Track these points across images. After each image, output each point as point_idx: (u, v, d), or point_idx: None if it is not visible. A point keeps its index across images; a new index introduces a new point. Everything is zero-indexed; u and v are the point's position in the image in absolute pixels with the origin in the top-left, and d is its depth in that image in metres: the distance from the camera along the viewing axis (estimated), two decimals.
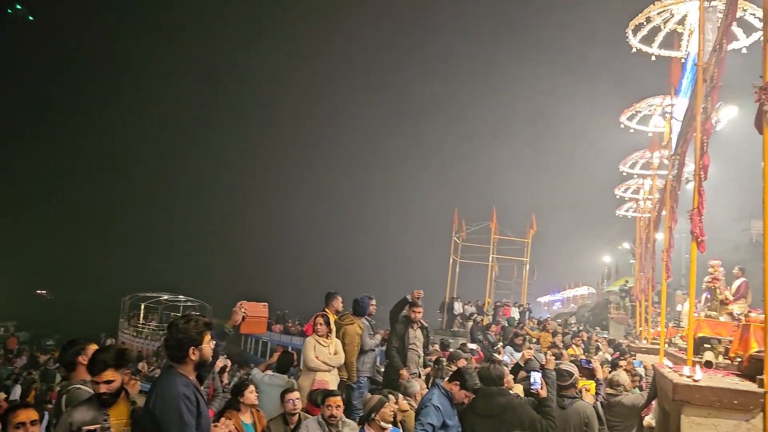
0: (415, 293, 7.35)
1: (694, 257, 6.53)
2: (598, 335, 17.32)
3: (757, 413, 3.30)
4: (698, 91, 6.76)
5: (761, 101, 3.37)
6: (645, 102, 13.54)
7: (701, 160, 6.30)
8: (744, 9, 8.40)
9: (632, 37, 10.34)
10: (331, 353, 6.31)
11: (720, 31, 6.35)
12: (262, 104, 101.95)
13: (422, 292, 7.37)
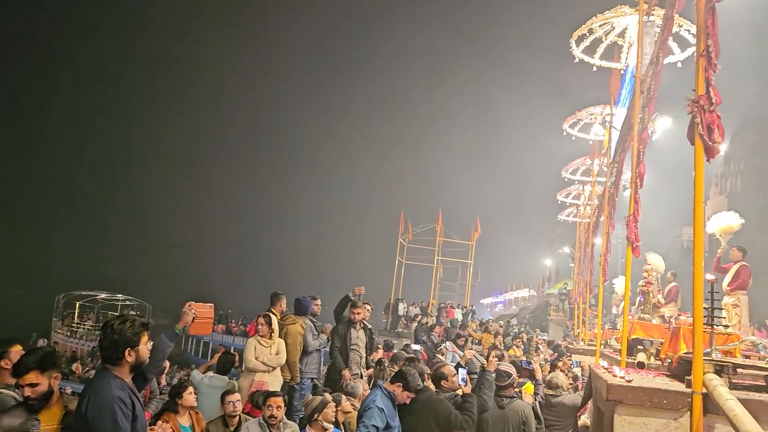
0: (356, 290, 7.35)
1: (629, 262, 6.78)
2: (538, 337, 17.74)
3: (684, 412, 3.44)
4: (636, 101, 7.01)
5: (693, 114, 3.51)
6: (586, 111, 13.98)
7: (637, 169, 6.54)
8: (680, 25, 8.78)
9: (575, 48, 10.66)
10: (273, 354, 6.23)
11: (657, 45, 6.60)
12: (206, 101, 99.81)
13: (363, 288, 7.37)
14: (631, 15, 9.31)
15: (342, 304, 7.40)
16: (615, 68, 10.97)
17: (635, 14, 8.49)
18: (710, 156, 3.54)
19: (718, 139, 3.52)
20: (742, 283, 8.74)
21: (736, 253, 8.86)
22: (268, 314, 6.47)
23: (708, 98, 3.49)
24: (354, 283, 7.74)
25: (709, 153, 3.52)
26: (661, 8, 7.31)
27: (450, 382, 5.06)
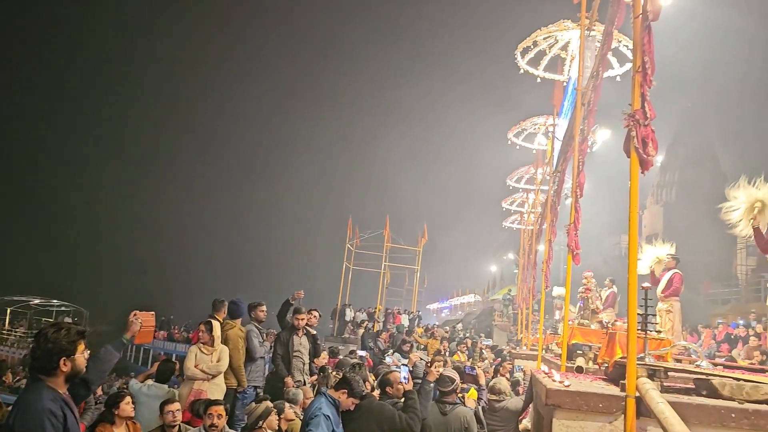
0: (296, 294, 7.29)
1: (570, 268, 6.97)
2: (482, 342, 18.00)
3: (618, 415, 3.55)
4: (577, 113, 7.22)
5: (629, 127, 3.64)
6: (530, 121, 14.34)
7: (578, 179, 6.74)
8: (619, 40, 9.10)
9: (520, 59, 10.92)
10: (214, 361, 6.11)
11: (597, 59, 6.83)
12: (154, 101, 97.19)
13: (302, 292, 7.32)
14: (573, 29, 9.60)
15: (283, 309, 7.32)
16: (558, 80, 11.29)
17: (577, 29, 8.76)
18: (645, 168, 3.68)
19: (652, 152, 3.66)
20: (675, 290, 9.12)
21: (670, 262, 9.23)
22: (209, 321, 6.35)
23: (643, 113, 3.63)
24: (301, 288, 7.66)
25: (643, 165, 3.66)
26: (601, 24, 7.57)
27: (395, 389, 5.08)
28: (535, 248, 16.48)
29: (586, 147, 7.20)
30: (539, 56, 10.96)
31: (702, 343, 15.65)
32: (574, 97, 7.69)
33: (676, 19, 23.08)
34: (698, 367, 4.80)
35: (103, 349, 3.44)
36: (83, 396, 3.30)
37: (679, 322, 9.18)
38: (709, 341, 15.71)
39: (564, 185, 10.31)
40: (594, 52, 7.82)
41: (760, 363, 10.06)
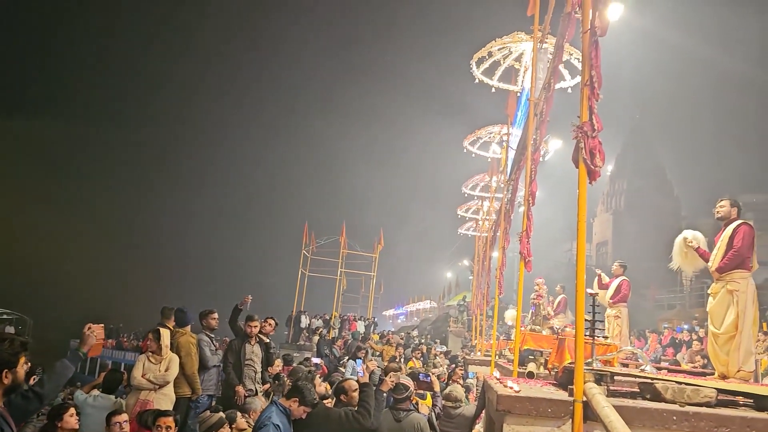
0: (244, 299, 7.20)
1: (522, 275, 7.10)
2: (436, 349, 18.12)
3: (567, 420, 3.63)
4: (530, 123, 7.38)
5: (578, 138, 3.75)
6: (485, 130, 14.58)
7: (530, 188, 6.88)
8: (570, 53, 9.37)
9: (476, 69, 11.10)
10: (162, 370, 5.98)
11: (549, 71, 7.00)
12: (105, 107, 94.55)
13: (250, 297, 7.23)
14: (527, 41, 9.83)
15: (233, 316, 7.22)
16: (512, 90, 11.52)
17: (530, 41, 8.97)
18: (592, 179, 3.79)
19: (599, 163, 3.77)
20: (623, 296, 9.39)
21: (618, 269, 9.51)
22: (157, 329, 6.21)
23: (591, 125, 3.74)
24: (255, 295, 7.57)
25: (591, 176, 3.77)
26: (553, 36, 7.77)
27: (350, 396, 5.08)
28: (490, 255, 16.70)
29: (539, 156, 7.35)
30: (494, 66, 11.18)
31: (648, 348, 16.15)
32: (527, 108, 7.86)
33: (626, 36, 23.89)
34: (643, 372, 4.95)
35: (59, 363, 3.35)
36: (35, 410, 3.21)
37: (627, 327, 9.46)
38: (655, 345, 16.21)
39: (517, 193, 10.49)
40: (546, 64, 8.00)
41: (701, 366, 10.43)
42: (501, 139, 14.25)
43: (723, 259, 5.51)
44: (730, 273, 5.44)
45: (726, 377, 5.26)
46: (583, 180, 3.81)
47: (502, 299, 13.28)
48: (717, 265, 5.57)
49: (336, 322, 23.97)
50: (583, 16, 4.06)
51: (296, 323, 23.45)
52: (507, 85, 11.47)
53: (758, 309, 5.55)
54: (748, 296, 5.32)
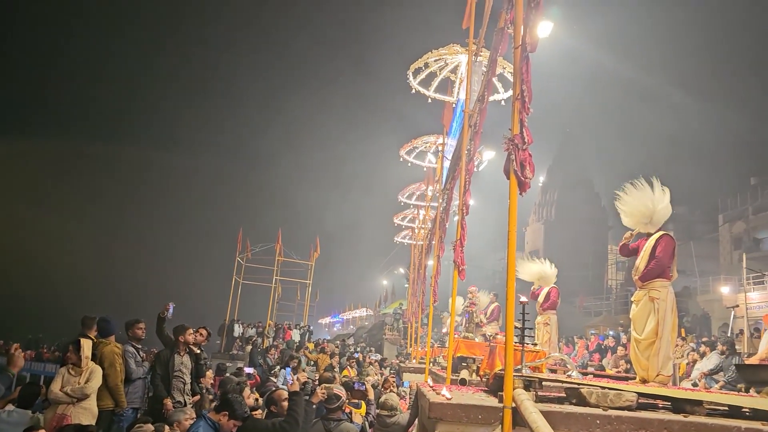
0: (165, 306, 6.98)
1: (455, 283, 7.20)
2: (371, 357, 18.14)
3: (497, 426, 3.69)
4: (464, 135, 7.51)
5: (509, 151, 3.84)
6: (421, 139, 14.77)
7: (464, 197, 7.01)
8: (503, 67, 9.62)
9: (412, 79, 11.24)
10: (81, 383, 5.71)
11: (483, 84, 7.16)
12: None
13: (170, 305, 7.01)
14: (462, 54, 10.02)
15: (158, 326, 6.98)
16: (448, 101, 11.71)
17: (466, 53, 9.15)
18: (522, 190, 3.89)
19: (530, 175, 3.88)
20: (552, 303, 9.68)
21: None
22: (78, 340, 5.93)
23: (521, 138, 3.85)
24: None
25: (521, 187, 3.87)
26: (488, 50, 7.96)
27: (280, 407, 5.01)
28: (425, 263, 16.89)
29: (473, 167, 7.51)
30: (431, 77, 11.35)
31: (576, 353, 16.69)
32: (462, 119, 8.00)
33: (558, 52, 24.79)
34: (569, 377, 5.11)
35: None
36: None
37: (556, 333, 9.75)
38: (582, 351, 16.76)
39: (452, 203, 10.66)
40: (481, 76, 8.18)
41: (625, 371, 10.86)
42: (436, 149, 14.46)
43: (645, 268, 5.77)
44: (651, 281, 5.70)
45: (646, 381, 5.49)
46: (513, 191, 3.91)
47: (437, 307, 13.45)
48: (640, 273, 5.82)
49: (270, 331, 23.60)
50: (514, 32, 4.17)
51: (229, 332, 22.95)
52: (443, 96, 11.66)
53: (677, 316, 5.82)
54: (668, 304, 5.58)
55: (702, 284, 26.03)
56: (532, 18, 4.04)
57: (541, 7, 4.05)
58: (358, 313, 53.19)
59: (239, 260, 26.06)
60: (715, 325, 22.26)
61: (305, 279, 28.53)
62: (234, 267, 25.73)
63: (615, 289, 36.06)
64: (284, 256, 27.56)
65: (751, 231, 29.91)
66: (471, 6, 7.53)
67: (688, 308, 25.52)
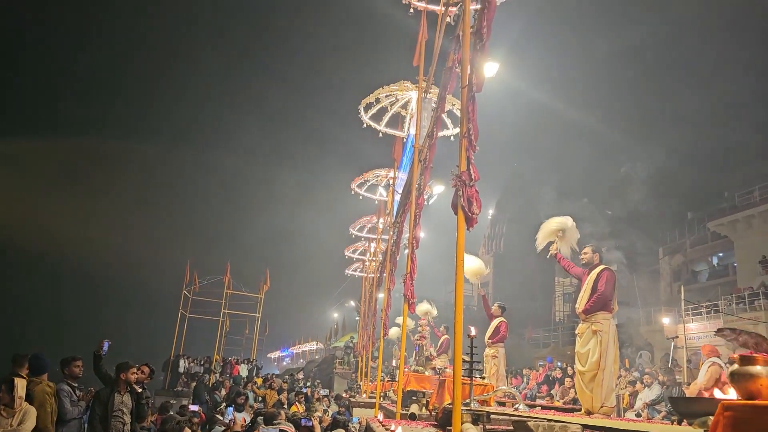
0: (100, 343, 6.73)
1: (405, 316, 7.24)
2: (319, 393, 17.86)
3: None
4: (414, 169, 7.65)
5: (456, 187, 3.94)
6: (372, 173, 14.90)
7: (414, 231, 7.09)
8: (453, 104, 9.87)
9: (363, 114, 11.40)
10: (14, 424, 5.42)
11: (432, 120, 7.32)
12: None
13: (105, 342, 6.76)
14: (412, 90, 10.24)
15: (95, 364, 6.70)
16: (398, 136, 11.90)
17: (416, 90, 9.36)
18: (470, 225, 3.98)
19: (476, 210, 3.98)
20: (501, 337, 9.79)
21: (497, 310, 9.91)
22: (12, 379, 5.64)
23: (468, 174, 3.95)
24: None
25: (468, 223, 3.96)
26: (437, 87, 8.17)
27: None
28: (376, 296, 16.87)
29: (423, 201, 7.61)
30: (382, 112, 11.54)
31: (526, 385, 16.86)
32: (412, 154, 8.15)
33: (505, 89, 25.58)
34: (517, 410, 5.16)
35: None
36: None
37: (504, 366, 9.84)
38: (532, 383, 16.95)
39: (403, 236, 10.75)
40: (431, 112, 8.38)
41: (572, 402, 11.03)
42: (387, 183, 14.61)
43: (588, 302, 5.93)
44: (594, 314, 5.86)
45: (591, 413, 5.60)
46: (461, 225, 3.99)
47: (387, 340, 13.40)
48: (583, 307, 5.98)
49: (217, 366, 22.98)
50: (462, 72, 4.32)
51: (174, 368, 22.24)
52: (394, 131, 11.84)
53: (618, 348, 5.99)
54: (610, 336, 5.74)
55: (645, 315, 26.81)
56: (479, 59, 4.19)
57: (487, 48, 4.21)
58: (308, 346, 52.44)
59: (186, 293, 25.44)
60: (657, 355, 22.89)
61: (254, 312, 28.02)
62: (180, 300, 25.10)
63: (562, 321, 36.74)
64: (233, 289, 27.04)
65: (689, 263, 31.11)
66: (421, 45, 7.74)
67: (632, 338, 26.22)
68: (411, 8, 8.00)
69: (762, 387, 2.01)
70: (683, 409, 2.58)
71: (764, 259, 23.80)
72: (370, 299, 17.84)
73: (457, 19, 5.08)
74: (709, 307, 22.08)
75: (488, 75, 5.19)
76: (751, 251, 25.09)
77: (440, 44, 7.07)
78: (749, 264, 25.06)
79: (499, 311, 9.94)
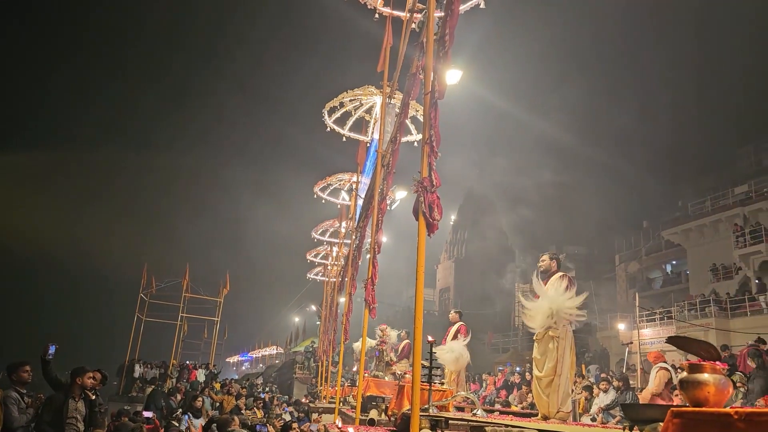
0: (45, 347, 6.53)
1: (366, 321, 7.22)
2: (278, 399, 17.68)
3: None
4: (377, 174, 7.64)
5: (418, 193, 3.95)
6: (336, 177, 14.86)
7: (376, 236, 7.08)
8: (416, 110, 9.91)
9: (327, 118, 11.36)
10: None
11: (396, 125, 7.34)
12: None
13: (51, 346, 6.55)
14: (377, 95, 10.25)
15: (44, 369, 6.49)
16: (362, 140, 11.89)
17: (380, 95, 9.37)
18: (431, 231, 4.00)
19: (437, 216, 4.00)
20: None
21: (454, 316, 9.97)
22: None
23: (430, 181, 3.97)
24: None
25: (429, 229, 3.97)
26: (401, 93, 8.19)
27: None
28: (337, 300, 16.79)
29: (385, 206, 7.62)
30: (346, 117, 11.51)
31: (485, 390, 16.99)
32: (375, 158, 8.14)
33: (469, 97, 25.89)
34: (475, 416, 5.20)
35: None
36: None
37: (463, 371, 9.89)
38: (491, 388, 17.09)
39: (365, 240, 10.73)
40: (394, 118, 8.39)
41: (529, 407, 11.16)
42: (351, 187, 14.57)
43: None
44: None
45: (548, 418, 5.67)
46: (422, 231, 4.00)
47: (348, 345, 13.36)
48: None
49: (174, 371, 22.51)
50: (425, 78, 4.34)
51: (129, 373, 21.71)
52: (357, 135, 11.83)
53: (575, 353, 6.08)
54: (567, 342, 5.83)
55: (601, 321, 27.37)
56: (441, 66, 4.22)
57: (450, 56, 4.24)
58: (268, 351, 51.87)
59: (143, 296, 24.90)
60: (613, 361, 23.39)
61: (213, 316, 27.61)
62: (137, 304, 24.56)
63: (521, 326, 37.24)
64: (192, 292, 26.59)
65: (644, 271, 31.92)
66: (386, 50, 7.75)
67: (589, 344, 26.74)
68: (376, 14, 8.01)
69: (709, 394, 2.07)
70: (634, 415, 2.64)
71: (715, 267, 24.60)
72: (332, 303, 17.75)
73: (422, 26, 5.11)
74: (662, 314, 22.67)
75: (451, 82, 5.23)
76: (703, 259, 25.90)
77: (405, 50, 7.10)
78: (701, 272, 25.86)
79: (456, 317, 9.99)
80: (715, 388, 2.08)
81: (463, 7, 7.06)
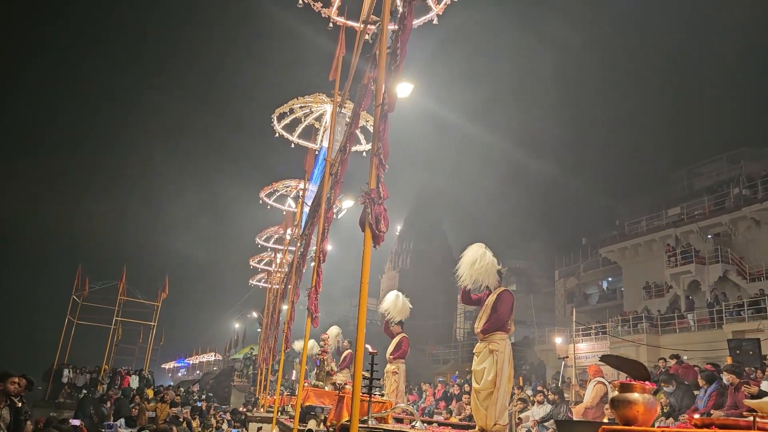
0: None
1: (308, 330, 7.15)
2: (215, 408, 17.29)
3: None
4: (325, 183, 7.62)
5: (365, 204, 3.95)
6: (282, 183, 14.73)
7: (321, 244, 7.04)
8: (367, 120, 9.94)
9: (276, 123, 11.26)
10: None
11: (345, 135, 7.34)
12: None
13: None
14: (327, 104, 10.24)
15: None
16: (311, 148, 11.83)
17: (331, 104, 9.36)
18: (377, 243, 4.00)
19: (384, 228, 4.01)
20: (402, 352, 9.86)
21: (396, 327, 9.99)
22: None
23: (377, 193, 3.98)
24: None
25: (375, 240, 3.98)
26: (352, 102, 8.21)
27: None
28: (279, 308, 16.60)
29: (332, 215, 7.58)
30: (295, 123, 11.44)
31: (424, 401, 17.08)
32: (324, 167, 8.11)
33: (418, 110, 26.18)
34: (413, 428, 5.22)
35: None
36: None
37: (403, 382, 9.91)
38: (430, 399, 17.19)
39: (310, 248, 10.65)
40: (344, 127, 8.39)
41: (467, 419, 11.28)
42: (297, 194, 14.46)
43: (486, 322, 6.09)
44: (492, 334, 6.02)
45: (485, 430, 5.74)
46: (368, 242, 4.01)
47: (288, 354, 13.21)
48: (481, 327, 6.13)
49: (105, 377, 21.69)
50: (376, 90, 4.36)
51: (57, 378, 20.80)
52: (306, 142, 11.77)
53: (513, 366, 6.18)
54: (506, 356, 5.92)
55: (539, 335, 27.98)
56: (392, 79, 4.25)
57: (401, 70, 4.28)
58: (206, 357, 50.71)
59: (75, 298, 23.93)
60: (550, 374, 23.94)
61: (150, 320, 26.79)
62: (68, 306, 23.58)
63: (462, 338, 37.69)
64: (128, 296, 25.76)
65: (582, 286, 32.88)
66: (338, 60, 7.76)
67: (527, 357, 27.28)
68: (330, 23, 8.02)
69: (638, 413, 2.14)
70: (567, 431, 2.71)
71: (648, 285, 25.58)
72: (274, 311, 17.53)
73: (375, 38, 5.14)
74: (597, 329, 23.38)
75: (402, 95, 5.28)
76: (637, 277, 26.89)
77: (357, 61, 7.12)
78: (635, 289, 26.83)
79: (398, 328, 10.00)
80: (644, 407, 2.16)
81: (416, 22, 7.15)
